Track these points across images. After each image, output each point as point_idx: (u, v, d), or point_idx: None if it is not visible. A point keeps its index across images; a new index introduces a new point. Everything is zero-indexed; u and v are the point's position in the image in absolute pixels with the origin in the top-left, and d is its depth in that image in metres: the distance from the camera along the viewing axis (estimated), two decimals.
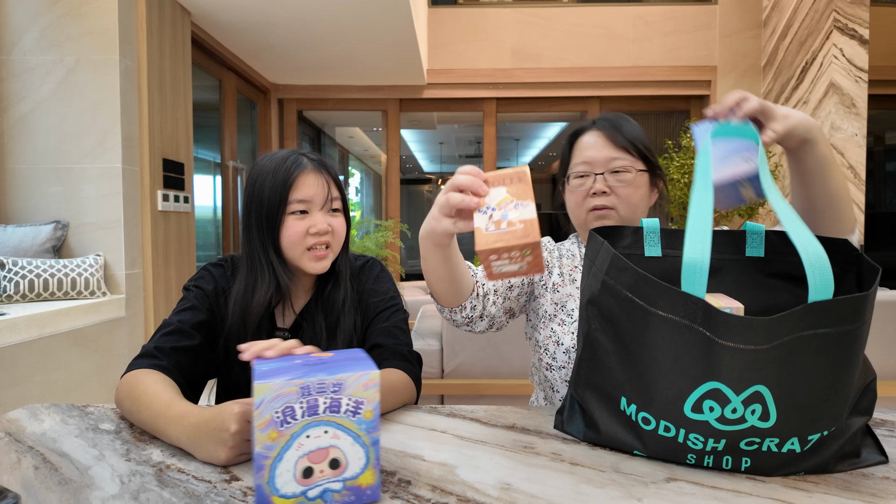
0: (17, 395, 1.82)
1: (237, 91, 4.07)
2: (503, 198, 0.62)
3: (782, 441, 0.61)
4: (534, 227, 0.60)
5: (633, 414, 0.67)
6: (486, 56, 4.52)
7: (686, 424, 0.62)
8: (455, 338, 2.28)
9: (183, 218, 2.94)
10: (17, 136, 2.44)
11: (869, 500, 0.56)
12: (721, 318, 0.59)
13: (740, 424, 0.60)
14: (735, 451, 0.62)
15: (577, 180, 1.03)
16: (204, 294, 0.97)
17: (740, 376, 0.58)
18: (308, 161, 0.96)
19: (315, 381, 0.52)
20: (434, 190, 8.83)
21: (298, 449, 0.52)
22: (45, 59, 2.43)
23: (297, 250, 0.94)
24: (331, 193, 0.96)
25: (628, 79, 4.50)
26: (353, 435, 0.54)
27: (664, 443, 0.65)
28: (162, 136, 2.72)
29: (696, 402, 0.61)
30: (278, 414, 0.51)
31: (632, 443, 0.68)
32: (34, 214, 2.45)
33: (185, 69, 2.96)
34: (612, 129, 1.01)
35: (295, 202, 0.93)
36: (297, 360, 0.59)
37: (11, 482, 0.61)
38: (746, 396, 0.59)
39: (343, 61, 4.03)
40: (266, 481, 0.51)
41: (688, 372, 0.61)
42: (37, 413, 0.84)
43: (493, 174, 0.66)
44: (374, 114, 5.02)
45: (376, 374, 0.54)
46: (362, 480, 0.54)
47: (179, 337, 0.92)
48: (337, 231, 0.96)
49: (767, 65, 4.02)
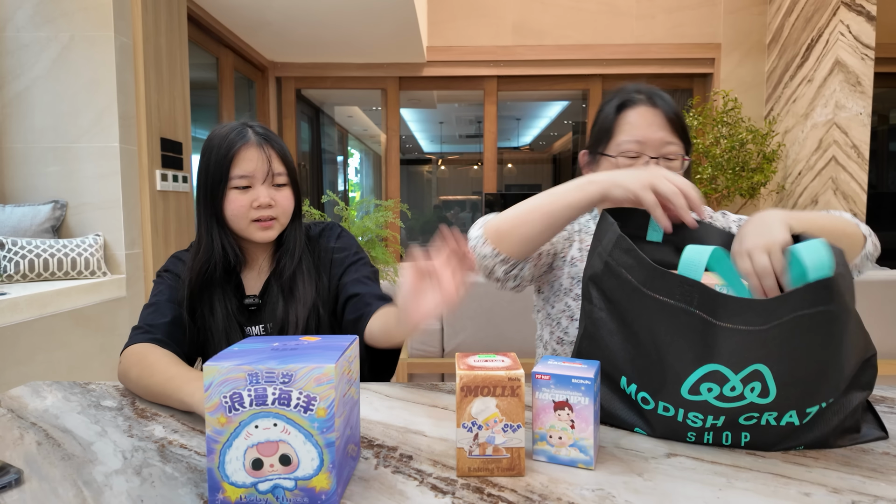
0: (20, 374, 1.83)
1: (235, 69, 4.02)
2: (492, 413, 0.56)
3: (780, 415, 0.61)
4: (521, 459, 0.57)
5: (633, 393, 0.68)
6: (487, 33, 4.45)
7: (684, 405, 0.63)
8: (455, 317, 2.28)
9: (182, 198, 2.92)
10: (13, 115, 2.41)
11: (869, 475, 0.57)
12: (720, 299, 0.59)
13: (739, 402, 0.60)
14: (734, 426, 0.63)
15: (625, 159, 0.95)
16: (175, 275, 1.01)
17: (739, 356, 0.58)
18: (253, 134, 0.96)
19: (263, 368, 0.50)
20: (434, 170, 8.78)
21: (247, 438, 0.50)
22: (40, 35, 2.39)
23: (242, 222, 0.96)
24: (272, 169, 0.96)
25: (631, 56, 4.44)
26: (305, 433, 0.50)
27: (664, 422, 0.66)
28: (159, 114, 2.69)
29: (693, 385, 0.61)
30: (226, 399, 0.50)
31: (633, 420, 0.69)
32: (32, 194, 2.43)
33: (181, 46, 2.91)
34: (666, 105, 0.94)
35: (236, 178, 0.94)
36: (274, 343, 0.58)
37: (14, 458, 0.61)
38: (745, 375, 0.59)
39: (341, 38, 3.96)
40: (216, 466, 0.50)
41: (685, 355, 0.61)
42: (39, 390, 0.85)
43: (482, 375, 0.56)
44: (374, 93, 4.95)
45: (330, 369, 0.50)
46: (316, 483, 0.51)
47: (165, 310, 0.95)
48: (281, 204, 0.97)
49: (772, 42, 3.96)
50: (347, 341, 0.58)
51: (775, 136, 3.81)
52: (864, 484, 0.55)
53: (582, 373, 0.59)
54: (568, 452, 0.59)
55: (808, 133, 3.61)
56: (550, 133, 8.38)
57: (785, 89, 3.82)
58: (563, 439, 0.59)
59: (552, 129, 8.12)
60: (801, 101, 3.67)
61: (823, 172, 3.52)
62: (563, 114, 7.05)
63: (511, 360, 0.59)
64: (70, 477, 0.57)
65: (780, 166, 3.82)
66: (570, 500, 0.52)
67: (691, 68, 4.48)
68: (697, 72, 4.51)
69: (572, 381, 0.58)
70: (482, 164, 4.80)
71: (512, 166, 8.46)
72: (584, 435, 0.58)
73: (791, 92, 3.76)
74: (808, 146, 3.60)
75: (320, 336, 0.61)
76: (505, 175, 7.17)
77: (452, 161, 8.89)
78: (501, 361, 0.59)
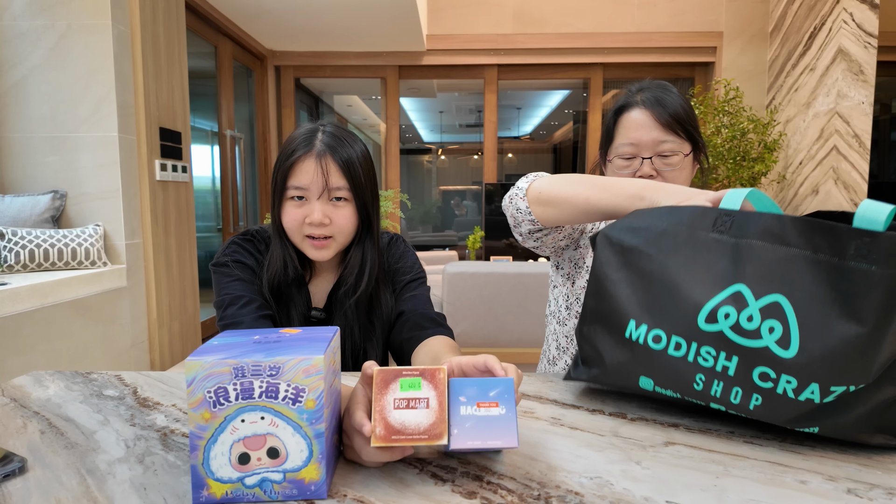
0: (22, 364, 1.84)
1: (233, 58, 3.99)
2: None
3: (801, 386, 0.56)
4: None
5: (641, 336, 0.66)
6: (487, 21, 4.42)
7: (699, 337, 0.62)
8: (456, 307, 2.29)
9: (181, 188, 2.92)
10: (11, 104, 2.40)
11: (865, 463, 0.57)
12: (754, 218, 0.61)
13: (755, 340, 0.58)
14: (747, 381, 0.59)
15: (622, 161, 0.99)
16: (245, 266, 0.94)
17: (762, 276, 0.59)
18: (319, 143, 0.90)
19: (250, 362, 0.49)
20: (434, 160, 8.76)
21: (233, 433, 0.50)
22: (36, 23, 2.37)
23: (297, 237, 0.92)
24: (329, 184, 0.88)
25: (632, 45, 4.41)
26: (294, 424, 0.50)
27: (673, 365, 0.64)
28: (158, 104, 2.68)
29: (712, 311, 0.61)
30: (210, 394, 0.49)
31: (638, 369, 0.67)
32: (32, 184, 2.43)
33: (179, 35, 2.89)
34: (658, 106, 0.96)
35: (291, 188, 0.89)
36: (255, 336, 0.56)
37: (18, 446, 0.62)
38: (766, 305, 0.58)
39: (340, 26, 3.93)
40: (201, 462, 0.50)
41: (710, 280, 0.62)
42: (41, 379, 0.85)
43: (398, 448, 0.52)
44: (373, 82, 4.93)
45: (319, 360, 0.50)
46: (305, 474, 0.51)
47: (252, 307, 0.89)
48: (337, 223, 0.90)
49: (775, 30, 3.93)
50: (331, 332, 0.57)
51: (776, 126, 3.80)
52: (860, 472, 0.55)
53: (504, 430, 0.52)
54: None
55: (809, 122, 3.59)
56: (551, 122, 8.34)
57: (787, 78, 3.80)
58: None
59: (553, 119, 8.08)
60: (803, 90, 3.64)
61: (825, 162, 3.51)
62: (564, 103, 7.02)
63: (437, 406, 0.52)
64: (73, 465, 0.57)
65: (781, 156, 3.81)
66: (569, 488, 0.53)
67: (693, 57, 4.45)
68: (699, 60, 4.48)
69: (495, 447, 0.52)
70: (482, 154, 4.79)
71: (512, 156, 8.43)
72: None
73: (793, 81, 3.74)
74: (810, 135, 3.58)
75: (301, 328, 0.59)
76: (505, 165, 7.15)
77: (452, 151, 8.86)
78: (426, 407, 0.52)
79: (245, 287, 0.91)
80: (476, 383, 0.55)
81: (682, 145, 0.97)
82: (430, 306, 0.99)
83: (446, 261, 4.29)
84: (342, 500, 0.51)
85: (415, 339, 0.91)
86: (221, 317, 0.89)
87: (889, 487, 0.52)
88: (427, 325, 0.93)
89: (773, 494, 0.51)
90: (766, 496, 0.51)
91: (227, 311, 0.88)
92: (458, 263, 2.43)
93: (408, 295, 0.99)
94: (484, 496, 0.51)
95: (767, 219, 0.60)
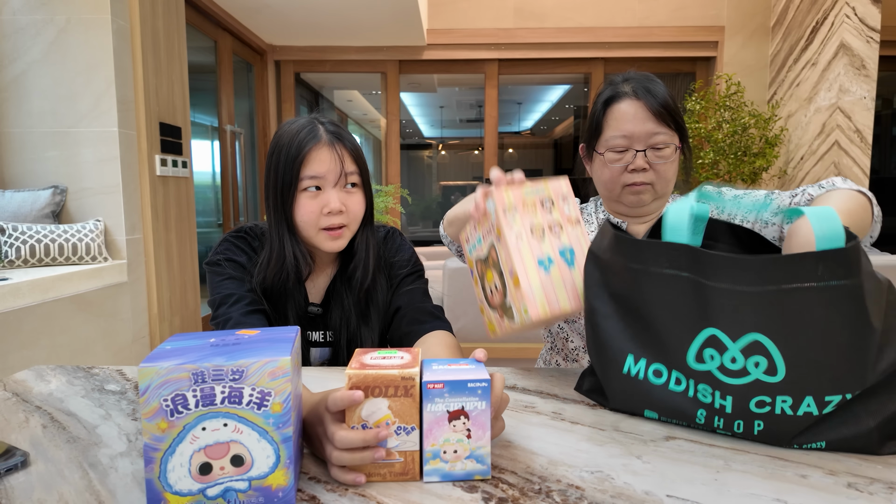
0: (24, 359, 1.84)
1: (233, 53, 3.98)
2: (383, 416, 0.51)
3: (797, 401, 0.57)
4: (415, 463, 0.53)
5: (641, 371, 0.66)
6: (487, 15, 4.40)
7: (694, 376, 0.62)
8: (456, 302, 2.29)
9: (182, 183, 2.92)
10: (11, 99, 2.40)
11: (864, 458, 0.57)
12: (706, 258, 0.58)
13: (743, 377, 0.58)
14: (745, 413, 0.60)
15: (613, 154, 0.97)
16: (237, 264, 0.94)
17: (733, 320, 0.57)
18: (324, 132, 0.90)
19: (210, 366, 0.46)
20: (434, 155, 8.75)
21: (193, 442, 0.46)
22: (35, 18, 2.36)
23: (312, 230, 0.91)
24: (345, 169, 0.89)
25: (633, 39, 4.39)
26: (259, 430, 0.47)
27: (675, 399, 0.64)
28: (158, 99, 2.67)
29: (697, 352, 0.60)
30: (167, 402, 0.46)
31: (642, 403, 0.67)
32: (32, 179, 2.43)
33: (178, 29, 2.88)
34: (650, 96, 0.94)
35: (307, 178, 0.88)
36: (210, 338, 0.53)
37: (20, 440, 0.62)
38: (745, 346, 0.57)
39: (341, 21, 3.92)
40: (157, 476, 0.46)
41: (684, 321, 0.61)
42: (43, 374, 0.85)
43: (373, 374, 0.51)
44: (373, 76, 4.91)
45: (286, 362, 0.47)
46: (272, 481, 0.48)
47: (241, 304, 0.88)
48: (352, 210, 0.91)
49: (777, 24, 3.91)
50: (292, 332, 0.55)
51: (778, 121, 3.79)
52: (861, 466, 0.55)
53: (475, 374, 0.53)
54: (464, 466, 0.53)
55: (811, 117, 3.58)
56: (552, 117, 8.32)
57: (788, 73, 3.78)
58: (458, 452, 0.53)
59: (553, 114, 8.06)
60: (805, 84, 3.63)
61: (826, 157, 3.51)
62: (565, 98, 7.00)
63: (411, 357, 0.54)
64: (76, 459, 0.58)
65: (782, 151, 3.80)
66: (570, 482, 0.53)
67: (694, 51, 4.43)
68: (700, 55, 4.46)
69: (468, 386, 0.52)
70: (483, 149, 4.78)
71: (513, 151, 8.41)
72: (481, 443, 0.53)
73: (795, 75, 3.72)
74: (811, 130, 3.58)
75: (258, 329, 0.57)
76: (506, 160, 7.14)
77: (453, 146, 8.84)
78: (400, 358, 0.54)
79: (236, 285, 0.91)
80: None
81: (673, 137, 0.96)
82: (427, 300, 0.99)
83: (446, 256, 4.30)
84: (343, 494, 0.51)
85: (414, 334, 0.91)
86: (214, 316, 0.89)
87: (889, 482, 0.52)
88: (425, 319, 0.93)
89: (773, 489, 0.51)
90: (766, 490, 0.51)
91: (219, 311, 0.88)
92: (458, 259, 2.42)
93: (405, 289, 0.99)
94: (485, 490, 0.52)
95: (719, 261, 0.57)
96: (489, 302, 0.78)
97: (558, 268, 0.71)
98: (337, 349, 0.99)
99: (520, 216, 0.70)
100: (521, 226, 0.70)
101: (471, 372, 0.54)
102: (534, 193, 0.72)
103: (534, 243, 0.71)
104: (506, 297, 0.72)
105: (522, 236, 0.70)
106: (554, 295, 0.70)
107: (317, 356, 1.00)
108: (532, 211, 0.72)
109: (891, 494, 0.50)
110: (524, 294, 0.69)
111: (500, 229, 0.71)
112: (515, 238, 0.70)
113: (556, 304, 0.70)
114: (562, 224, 0.73)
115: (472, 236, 0.79)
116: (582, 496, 0.50)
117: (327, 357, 1.00)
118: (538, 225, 0.72)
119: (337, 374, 0.85)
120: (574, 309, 0.72)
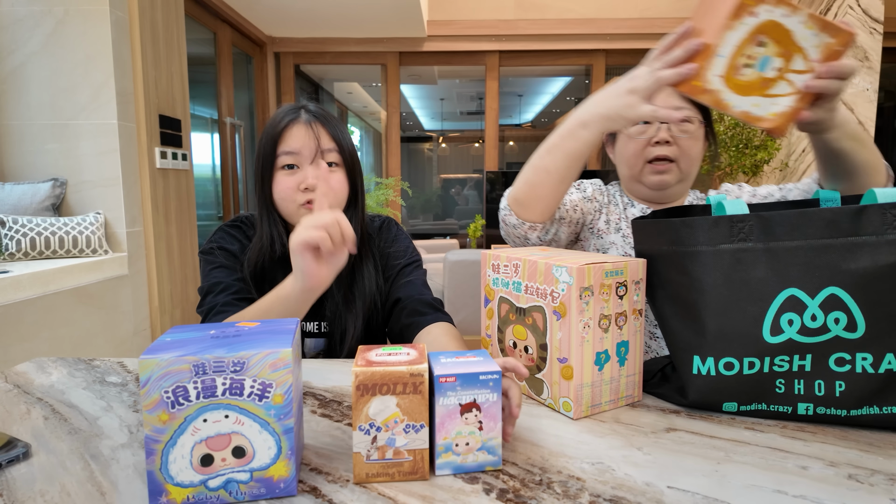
0: (25, 351, 1.85)
1: (232, 44, 3.96)
2: (391, 413, 0.51)
3: (877, 358, 0.57)
4: (424, 462, 0.52)
5: (711, 368, 0.64)
6: (488, 6, 4.37)
7: (769, 350, 0.61)
8: (457, 295, 2.29)
9: (182, 175, 2.91)
10: (9, 91, 2.39)
11: (865, 449, 0.57)
12: (776, 218, 0.59)
13: (824, 334, 0.58)
14: (825, 372, 0.60)
15: (636, 128, 0.96)
16: (229, 253, 0.94)
17: (810, 276, 0.58)
18: (304, 112, 0.92)
19: (211, 358, 0.46)
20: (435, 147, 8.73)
21: (194, 434, 0.47)
22: (34, 9, 2.35)
23: (291, 206, 0.91)
24: (321, 146, 0.90)
25: (635, 31, 4.36)
26: (261, 421, 0.48)
27: (750, 383, 0.63)
28: (157, 91, 2.66)
29: (773, 323, 0.60)
30: (168, 394, 0.46)
31: (719, 398, 0.65)
32: (32, 172, 2.42)
33: (177, 21, 2.86)
34: None
35: (283, 155, 0.90)
36: (211, 330, 0.53)
37: (22, 432, 0.62)
38: (824, 300, 0.57)
39: (340, 12, 3.90)
40: (158, 468, 0.46)
41: (755, 294, 0.60)
42: (44, 366, 0.85)
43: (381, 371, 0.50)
44: (373, 68, 4.89)
45: (287, 354, 0.47)
46: (274, 472, 0.48)
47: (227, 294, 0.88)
48: (332, 185, 0.90)
49: None
50: (293, 324, 0.55)
51: None
52: (861, 458, 0.55)
53: (486, 366, 0.53)
54: (476, 458, 0.53)
55: None
56: (553, 110, 8.29)
57: None
58: (470, 445, 0.53)
59: (555, 106, 8.03)
60: None
61: None
62: (566, 90, 6.96)
63: (417, 353, 0.54)
64: (77, 451, 0.58)
65: (783, 143, 3.79)
66: (571, 473, 0.53)
67: None
68: None
69: (480, 379, 0.52)
70: (484, 142, 4.76)
71: (514, 144, 8.39)
72: (492, 434, 0.53)
73: None
74: None
75: (258, 321, 0.57)
76: (507, 153, 7.12)
77: (454, 138, 8.82)
78: (406, 355, 0.53)
79: (225, 273, 0.91)
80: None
81: (697, 113, 0.95)
82: (427, 290, 0.98)
83: (447, 249, 4.29)
84: (344, 486, 0.51)
85: (415, 326, 0.91)
86: (200, 304, 0.90)
87: (890, 473, 0.52)
88: (426, 310, 0.93)
89: (774, 480, 0.51)
90: (767, 482, 0.51)
91: (206, 299, 0.89)
92: (459, 252, 2.43)
93: (403, 280, 0.98)
94: (486, 481, 0.52)
95: (788, 217, 0.58)
96: (502, 348, 0.76)
97: (610, 366, 0.68)
98: (331, 341, 0.99)
99: (593, 302, 0.65)
100: (593, 314, 0.65)
101: (481, 364, 0.54)
102: (612, 276, 0.66)
103: (597, 335, 0.66)
104: (539, 371, 0.69)
105: (590, 327, 0.65)
106: (599, 397, 0.67)
107: (311, 347, 0.99)
108: (606, 297, 0.66)
109: (891, 485, 0.50)
110: (573, 393, 0.65)
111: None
112: (583, 327, 0.65)
113: (598, 407, 0.68)
114: (627, 315, 0.69)
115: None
116: (583, 487, 0.50)
117: (322, 348, 0.99)
118: (607, 315, 0.67)
119: (338, 367, 0.85)
120: (610, 408, 0.69)
